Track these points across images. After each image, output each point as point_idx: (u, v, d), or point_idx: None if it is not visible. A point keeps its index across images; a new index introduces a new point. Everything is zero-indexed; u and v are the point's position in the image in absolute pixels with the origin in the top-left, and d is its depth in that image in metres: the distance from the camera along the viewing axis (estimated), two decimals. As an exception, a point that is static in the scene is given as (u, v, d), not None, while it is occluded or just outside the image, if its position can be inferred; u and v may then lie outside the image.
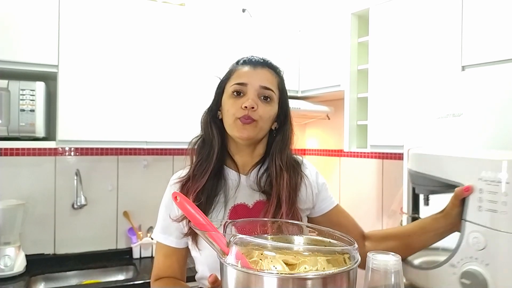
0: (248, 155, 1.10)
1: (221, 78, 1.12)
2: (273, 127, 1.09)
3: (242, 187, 1.08)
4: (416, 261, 1.02)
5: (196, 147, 1.10)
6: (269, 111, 1.05)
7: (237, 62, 1.11)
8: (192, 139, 1.12)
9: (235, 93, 1.04)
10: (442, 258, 0.98)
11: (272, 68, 1.09)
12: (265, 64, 1.08)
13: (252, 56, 1.11)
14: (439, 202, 1.01)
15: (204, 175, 1.04)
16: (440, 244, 1.03)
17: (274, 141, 1.09)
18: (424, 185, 0.99)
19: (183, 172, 1.11)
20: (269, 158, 1.09)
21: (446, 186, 0.93)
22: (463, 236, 0.87)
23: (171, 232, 1.08)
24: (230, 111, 1.03)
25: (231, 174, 1.09)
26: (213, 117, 1.10)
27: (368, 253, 0.73)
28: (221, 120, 1.08)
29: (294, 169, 1.09)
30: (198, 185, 1.03)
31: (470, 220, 0.86)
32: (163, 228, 1.10)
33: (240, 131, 1.02)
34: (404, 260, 1.02)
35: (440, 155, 0.94)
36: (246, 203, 1.06)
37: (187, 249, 1.11)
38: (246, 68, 1.06)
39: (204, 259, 1.05)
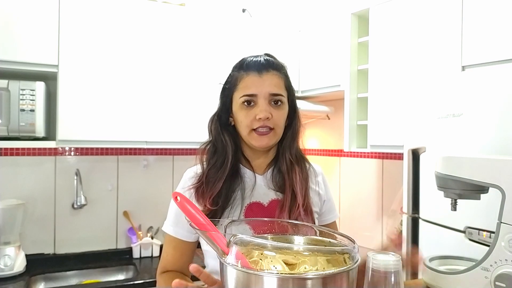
0: (263, 157, 1.12)
1: (225, 85, 1.10)
2: (285, 124, 1.11)
3: (258, 186, 1.09)
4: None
5: (206, 152, 1.10)
6: (282, 115, 1.07)
7: (240, 67, 1.08)
8: (201, 146, 1.12)
9: (245, 104, 1.04)
10: (459, 267, 0.98)
11: (277, 69, 1.08)
12: (269, 67, 1.06)
13: (254, 58, 1.08)
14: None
15: (219, 181, 1.05)
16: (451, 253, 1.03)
17: (284, 137, 1.11)
18: (453, 189, 0.97)
19: (197, 170, 1.11)
20: (279, 153, 1.11)
21: (477, 190, 0.93)
22: (498, 238, 0.86)
23: (182, 225, 1.08)
24: (244, 122, 1.04)
25: (247, 173, 1.11)
26: (223, 124, 1.10)
27: (368, 253, 0.73)
28: (233, 126, 1.09)
29: (303, 160, 1.13)
30: (213, 191, 1.04)
31: (506, 222, 0.85)
32: (174, 221, 1.10)
33: (258, 141, 1.04)
34: (426, 265, 1.02)
35: (476, 157, 0.93)
36: (262, 202, 1.08)
37: (196, 243, 1.12)
38: (252, 76, 1.04)
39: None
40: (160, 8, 2.19)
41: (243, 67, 1.07)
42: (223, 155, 1.08)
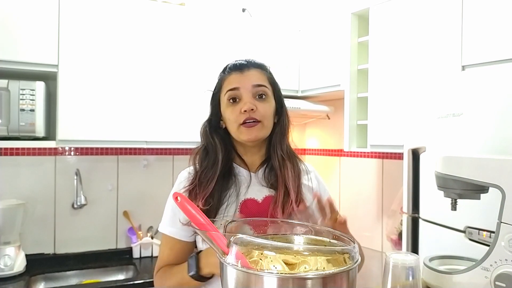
0: (255, 154, 1.14)
1: (214, 90, 1.15)
2: (274, 121, 1.13)
3: (252, 183, 1.12)
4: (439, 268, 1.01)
5: (198, 156, 1.13)
6: (268, 108, 1.09)
7: (224, 70, 1.14)
8: (194, 149, 1.15)
9: (231, 100, 1.08)
10: (459, 267, 0.98)
11: (258, 67, 1.12)
12: (250, 66, 1.11)
13: (236, 61, 1.14)
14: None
15: (210, 182, 1.07)
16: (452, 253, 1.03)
17: (273, 133, 1.13)
18: (453, 189, 0.97)
19: (191, 171, 1.14)
20: (271, 150, 1.13)
21: (477, 190, 0.93)
22: (498, 238, 0.86)
23: (179, 225, 1.08)
24: (231, 118, 1.07)
25: (241, 171, 1.13)
26: (214, 128, 1.13)
27: (386, 253, 0.75)
28: (225, 129, 1.12)
29: (294, 157, 1.15)
30: (206, 192, 1.06)
31: (506, 222, 0.85)
32: (171, 221, 1.11)
33: (246, 135, 1.06)
34: (427, 265, 1.02)
35: (476, 157, 0.93)
36: (256, 198, 1.10)
37: (193, 243, 1.12)
38: (234, 74, 1.10)
39: None
40: (160, 8, 2.18)
41: (226, 70, 1.13)
42: (214, 156, 1.10)
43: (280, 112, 1.14)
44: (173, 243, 1.11)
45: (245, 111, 1.04)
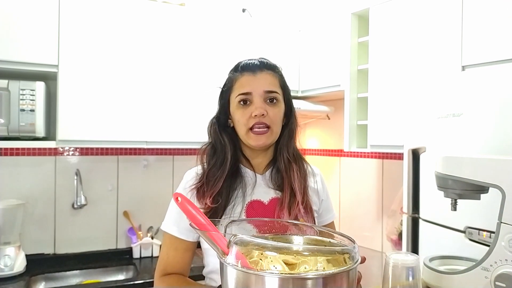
0: (262, 157, 1.14)
1: (223, 88, 1.14)
2: (283, 123, 1.13)
3: (258, 184, 1.11)
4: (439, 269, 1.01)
5: (206, 154, 1.12)
6: (278, 112, 1.09)
7: (236, 70, 1.12)
8: (202, 146, 1.14)
9: (241, 103, 1.07)
10: (459, 267, 0.98)
11: (271, 69, 1.11)
12: (263, 67, 1.10)
13: (249, 60, 1.12)
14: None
15: (219, 180, 1.06)
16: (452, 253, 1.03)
17: (281, 135, 1.13)
18: (453, 189, 0.97)
19: (198, 170, 1.13)
20: (277, 152, 1.13)
21: (477, 190, 0.93)
22: (498, 238, 0.86)
23: (184, 225, 1.07)
24: (241, 121, 1.07)
25: (247, 173, 1.13)
26: (222, 126, 1.13)
27: (386, 253, 0.75)
28: (232, 127, 1.12)
29: (301, 159, 1.15)
30: (214, 190, 1.05)
31: (506, 222, 0.85)
32: (176, 220, 1.09)
33: (255, 141, 1.06)
34: (427, 266, 1.02)
35: (476, 157, 0.93)
36: (262, 200, 1.10)
37: (196, 243, 1.12)
38: (246, 76, 1.08)
39: None
40: (160, 8, 2.18)
41: (238, 69, 1.11)
42: (222, 155, 1.10)
43: (289, 115, 1.14)
44: (178, 243, 1.10)
45: (256, 115, 1.04)
